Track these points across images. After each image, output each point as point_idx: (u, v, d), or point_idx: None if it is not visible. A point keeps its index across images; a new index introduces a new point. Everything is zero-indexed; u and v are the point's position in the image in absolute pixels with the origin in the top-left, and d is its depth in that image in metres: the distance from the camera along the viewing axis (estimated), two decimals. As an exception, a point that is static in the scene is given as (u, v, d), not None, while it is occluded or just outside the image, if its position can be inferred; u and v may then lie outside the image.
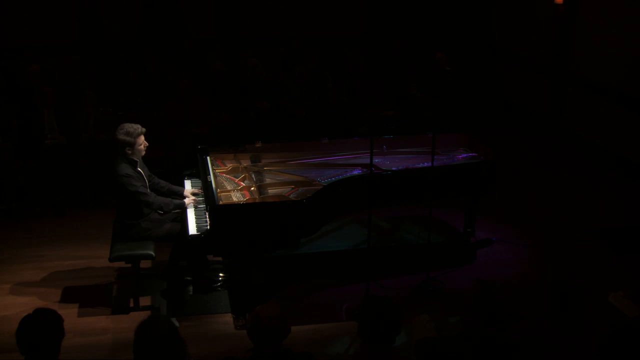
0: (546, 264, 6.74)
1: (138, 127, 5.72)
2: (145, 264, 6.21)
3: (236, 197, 5.86)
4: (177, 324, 4.92)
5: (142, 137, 5.76)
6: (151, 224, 5.82)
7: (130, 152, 5.72)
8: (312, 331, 5.58)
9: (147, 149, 5.94)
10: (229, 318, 5.77)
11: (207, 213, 5.69)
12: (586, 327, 3.81)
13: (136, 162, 5.78)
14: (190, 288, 6.13)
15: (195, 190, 6.16)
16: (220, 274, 6.24)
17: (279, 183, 6.14)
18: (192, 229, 5.62)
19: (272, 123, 8.78)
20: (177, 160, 8.04)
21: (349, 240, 7.06)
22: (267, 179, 6.23)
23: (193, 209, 5.91)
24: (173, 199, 5.96)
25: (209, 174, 5.96)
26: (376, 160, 6.37)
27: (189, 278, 6.16)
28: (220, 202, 5.60)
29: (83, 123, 8.03)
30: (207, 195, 5.73)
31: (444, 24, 11.52)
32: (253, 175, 6.23)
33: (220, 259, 6.41)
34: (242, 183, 6.10)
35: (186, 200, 5.95)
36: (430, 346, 3.74)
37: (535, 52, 10.67)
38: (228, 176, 6.23)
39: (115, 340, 5.48)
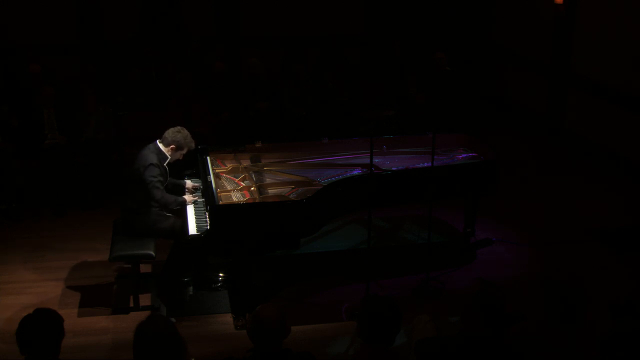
0: (546, 264, 6.75)
1: (194, 143, 5.98)
2: (145, 264, 6.20)
3: (236, 197, 5.86)
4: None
5: (186, 151, 5.96)
6: (157, 217, 5.88)
7: (171, 150, 5.88)
8: (312, 331, 5.58)
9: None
10: (229, 318, 5.77)
11: (207, 213, 5.69)
12: (586, 327, 3.80)
13: (167, 158, 5.90)
14: (190, 288, 6.13)
15: (196, 185, 6.22)
16: (220, 274, 6.24)
17: (279, 183, 6.13)
18: (192, 229, 5.63)
19: (272, 123, 8.77)
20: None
21: (349, 240, 7.06)
22: (267, 179, 6.23)
23: (193, 207, 5.93)
24: (177, 197, 6.01)
25: (209, 174, 5.96)
26: (376, 160, 6.37)
27: (188, 278, 6.17)
28: (220, 202, 5.60)
29: (83, 123, 8.03)
30: (207, 195, 5.73)
31: (444, 24, 11.51)
32: (253, 175, 6.22)
33: (220, 259, 6.41)
34: (242, 183, 6.10)
35: (187, 198, 6.00)
36: (430, 346, 3.74)
37: (535, 52, 10.67)
38: (228, 176, 6.23)
39: (115, 340, 5.48)
